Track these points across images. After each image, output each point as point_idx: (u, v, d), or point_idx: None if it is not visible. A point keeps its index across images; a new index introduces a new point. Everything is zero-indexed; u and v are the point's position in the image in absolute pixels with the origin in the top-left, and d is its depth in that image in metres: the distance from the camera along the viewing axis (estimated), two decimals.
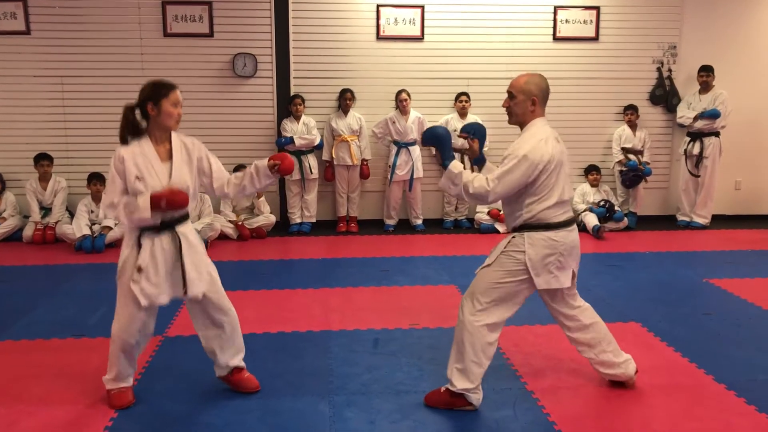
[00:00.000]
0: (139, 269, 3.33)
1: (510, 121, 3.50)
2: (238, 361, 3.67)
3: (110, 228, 6.99)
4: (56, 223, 7.25)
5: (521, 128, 3.43)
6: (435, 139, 3.47)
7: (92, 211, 7.12)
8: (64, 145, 7.64)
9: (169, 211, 3.32)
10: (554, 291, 3.49)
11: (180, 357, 4.15)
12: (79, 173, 7.48)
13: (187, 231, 3.46)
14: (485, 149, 3.80)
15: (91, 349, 4.26)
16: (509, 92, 3.45)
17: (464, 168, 3.42)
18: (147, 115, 3.35)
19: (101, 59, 7.56)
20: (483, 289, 3.40)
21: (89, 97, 7.60)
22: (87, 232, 6.91)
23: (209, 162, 3.53)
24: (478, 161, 3.60)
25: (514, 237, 3.41)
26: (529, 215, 3.35)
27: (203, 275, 3.46)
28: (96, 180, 7.11)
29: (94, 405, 3.52)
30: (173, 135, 3.44)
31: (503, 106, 3.48)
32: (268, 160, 3.47)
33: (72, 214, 7.27)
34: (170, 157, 3.40)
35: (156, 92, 3.32)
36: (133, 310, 3.39)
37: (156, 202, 3.25)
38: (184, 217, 3.47)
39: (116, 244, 6.99)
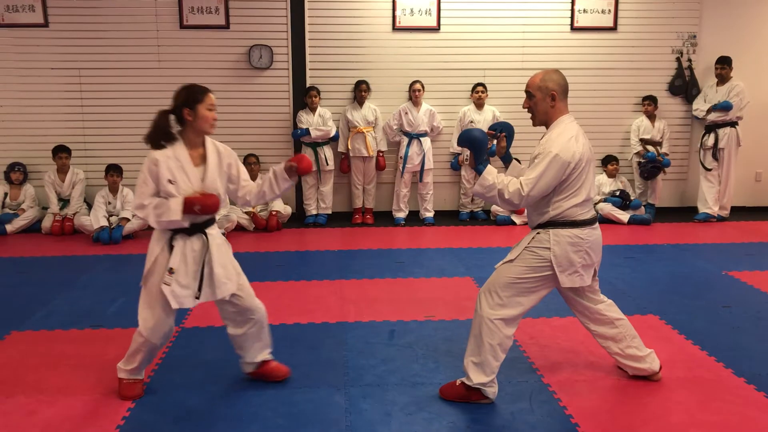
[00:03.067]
0: (171, 271, 3.34)
1: (534, 123, 3.45)
2: (265, 355, 3.70)
3: (128, 219, 7.04)
4: (74, 214, 7.31)
5: (546, 127, 3.39)
6: (471, 142, 3.36)
7: (110, 203, 7.17)
8: (81, 137, 7.70)
9: (202, 215, 3.33)
10: (579, 287, 3.46)
11: (197, 348, 4.17)
12: (96, 165, 7.55)
13: (215, 233, 3.49)
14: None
15: (109, 340, 4.29)
16: (527, 92, 3.40)
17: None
18: (182, 120, 3.34)
19: (118, 51, 7.60)
20: (503, 283, 3.38)
21: (106, 89, 7.65)
22: (104, 223, 6.96)
23: (238, 170, 3.54)
24: (505, 159, 3.57)
25: (538, 233, 3.37)
26: (555, 212, 3.31)
27: (231, 276, 3.48)
28: (113, 171, 7.15)
29: (111, 395, 3.54)
30: (207, 140, 3.45)
31: (524, 107, 3.44)
32: (285, 163, 3.47)
33: (90, 206, 7.33)
34: (203, 161, 3.40)
35: (192, 97, 3.31)
36: (161, 313, 3.40)
37: (189, 205, 3.26)
38: (212, 220, 3.50)
39: (134, 236, 7.06)
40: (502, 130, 3.54)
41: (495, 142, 3.59)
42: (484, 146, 3.35)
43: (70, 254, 6.51)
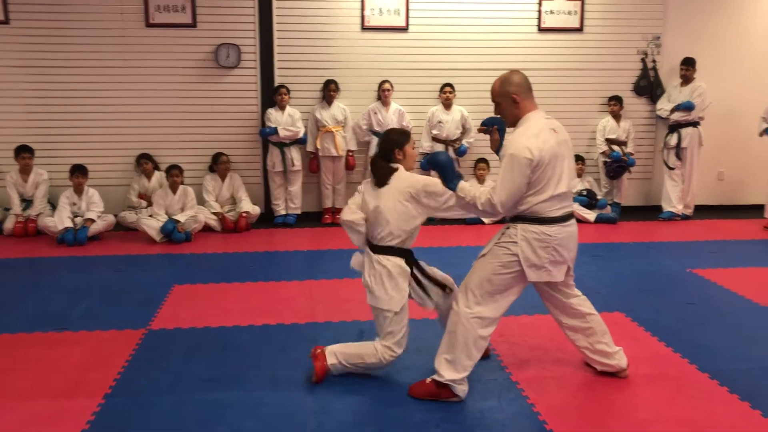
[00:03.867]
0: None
1: (507, 126, 3.48)
2: None
3: (93, 220, 6.92)
4: (38, 215, 7.16)
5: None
6: (436, 166, 3.39)
7: (74, 204, 7.05)
8: (45, 137, 7.54)
9: None
10: (551, 282, 3.49)
11: (163, 350, 4.11)
12: (61, 165, 7.39)
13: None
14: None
15: (74, 343, 4.21)
16: (493, 101, 3.46)
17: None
18: (394, 159, 3.65)
19: (82, 50, 7.46)
20: (477, 281, 3.39)
21: (70, 88, 7.51)
22: (69, 224, 6.84)
23: None
24: (499, 152, 3.56)
25: (508, 228, 3.40)
26: (524, 208, 3.33)
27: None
28: (78, 172, 7.02)
29: (76, 398, 3.48)
30: None
31: (495, 115, 3.48)
32: None
33: (54, 207, 7.19)
34: None
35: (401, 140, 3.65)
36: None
37: None
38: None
39: (99, 237, 6.95)
40: (493, 124, 3.53)
41: (488, 137, 3.59)
42: (449, 168, 3.37)
43: (33, 256, 6.38)
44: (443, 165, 3.38)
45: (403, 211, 3.52)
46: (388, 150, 3.63)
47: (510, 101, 3.36)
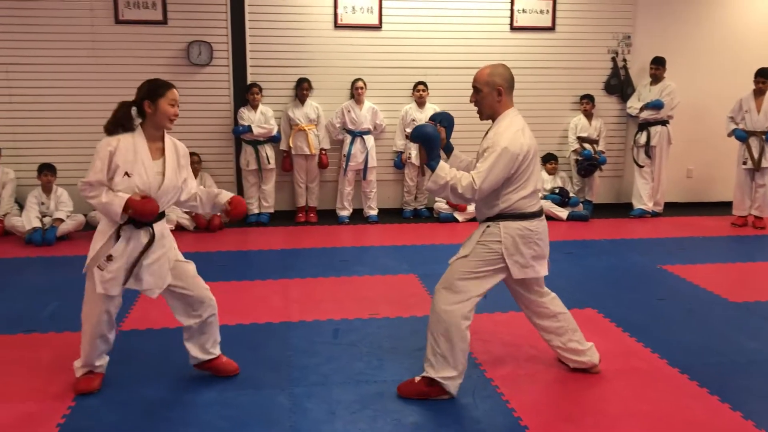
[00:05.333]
0: (110, 258, 3.33)
1: (481, 117, 3.47)
2: (216, 350, 3.70)
3: (62, 220, 6.81)
4: (5, 215, 7.02)
5: (493, 121, 3.41)
6: (424, 139, 3.34)
7: (43, 203, 6.93)
8: (11, 135, 7.39)
9: (135, 217, 3.32)
10: (527, 280, 3.51)
11: (135, 352, 4.05)
12: (28, 164, 7.26)
13: (163, 228, 3.51)
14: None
15: (43, 345, 4.14)
16: (474, 86, 3.42)
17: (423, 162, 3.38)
18: (143, 113, 3.41)
19: (50, 47, 7.33)
20: (458, 278, 3.40)
21: (37, 85, 7.37)
22: (37, 224, 6.72)
23: (188, 171, 3.62)
24: (446, 149, 3.57)
25: (488, 226, 3.40)
26: (505, 205, 3.35)
27: (164, 271, 3.45)
28: (47, 170, 6.91)
29: (45, 401, 3.42)
30: (166, 135, 3.51)
31: (470, 101, 3.45)
32: (225, 203, 3.59)
33: (21, 206, 7.06)
34: (162, 155, 3.44)
35: (153, 91, 3.39)
36: (100, 300, 3.40)
37: (127, 207, 3.28)
38: (162, 215, 3.49)
39: (68, 237, 6.84)
40: (441, 121, 3.52)
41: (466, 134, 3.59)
42: (436, 143, 3.35)
43: (0, 256, 6.26)
44: (431, 139, 3.34)
45: None
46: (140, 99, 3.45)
47: (494, 92, 3.35)
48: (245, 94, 7.53)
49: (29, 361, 3.90)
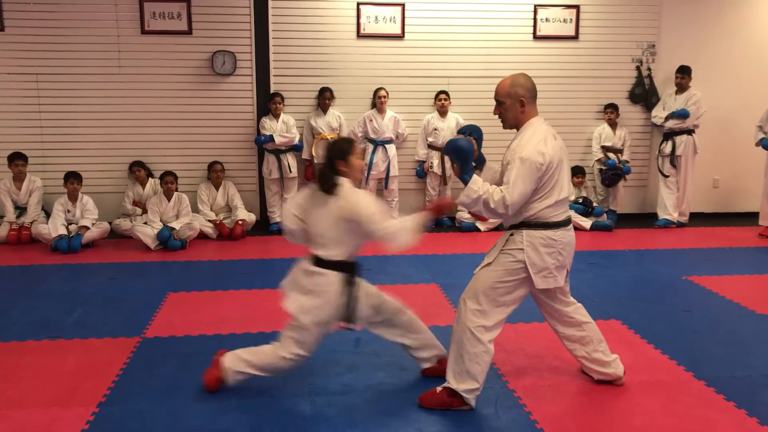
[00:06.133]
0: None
1: (505, 127, 3.46)
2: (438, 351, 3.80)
3: (87, 228, 6.89)
4: (32, 223, 7.13)
5: (517, 130, 3.40)
6: (457, 152, 3.34)
7: (68, 211, 7.02)
8: (39, 143, 7.52)
9: None
10: (550, 289, 3.48)
11: (158, 358, 4.09)
12: (55, 172, 7.37)
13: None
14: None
15: (67, 351, 4.18)
16: (496, 99, 3.41)
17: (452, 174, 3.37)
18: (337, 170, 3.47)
19: (78, 57, 7.45)
20: (483, 289, 3.38)
21: (65, 95, 7.49)
22: (63, 232, 6.80)
23: None
24: (477, 161, 3.55)
25: (512, 234, 3.38)
26: (529, 214, 3.33)
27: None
28: (73, 179, 6.99)
29: (69, 407, 3.45)
30: None
31: (494, 114, 3.45)
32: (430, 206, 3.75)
33: (48, 214, 7.16)
34: None
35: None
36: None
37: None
38: None
39: (93, 244, 6.91)
40: (471, 133, 3.51)
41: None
42: (470, 156, 3.34)
43: (27, 263, 6.35)
44: (465, 153, 3.33)
45: (336, 230, 3.50)
46: (331, 160, 3.45)
47: (517, 103, 3.34)
48: (267, 103, 7.58)
49: (54, 367, 3.94)
